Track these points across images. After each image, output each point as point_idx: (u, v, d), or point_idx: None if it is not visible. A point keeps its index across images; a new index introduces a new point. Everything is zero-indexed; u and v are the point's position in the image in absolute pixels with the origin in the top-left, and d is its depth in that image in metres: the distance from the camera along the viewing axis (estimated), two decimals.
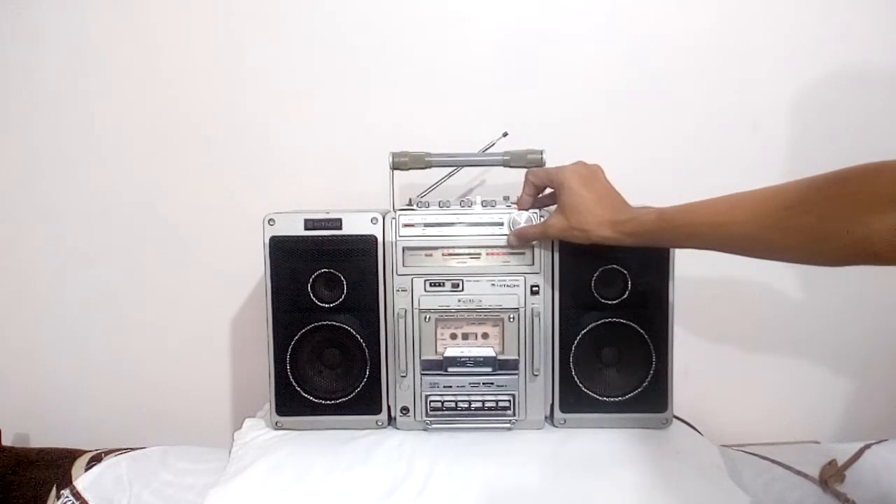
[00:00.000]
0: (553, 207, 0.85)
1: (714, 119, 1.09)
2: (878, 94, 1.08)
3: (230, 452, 0.87)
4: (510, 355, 0.87)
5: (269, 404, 0.89)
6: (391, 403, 0.88)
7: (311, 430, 0.88)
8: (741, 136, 1.08)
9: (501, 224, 0.85)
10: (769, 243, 0.63)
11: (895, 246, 0.54)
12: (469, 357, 0.87)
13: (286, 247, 0.85)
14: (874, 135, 1.07)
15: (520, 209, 0.85)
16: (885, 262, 0.57)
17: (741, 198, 0.66)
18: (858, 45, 1.07)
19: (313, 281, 0.86)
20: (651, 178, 1.00)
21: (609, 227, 0.76)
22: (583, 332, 0.86)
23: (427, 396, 0.87)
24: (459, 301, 0.86)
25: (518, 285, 0.86)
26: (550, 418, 0.89)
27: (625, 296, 0.85)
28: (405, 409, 0.88)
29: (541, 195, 0.87)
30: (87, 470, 0.88)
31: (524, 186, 0.85)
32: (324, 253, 0.85)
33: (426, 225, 0.86)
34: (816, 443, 1.08)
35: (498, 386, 0.87)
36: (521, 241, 0.84)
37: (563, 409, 0.88)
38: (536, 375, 0.86)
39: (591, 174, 0.80)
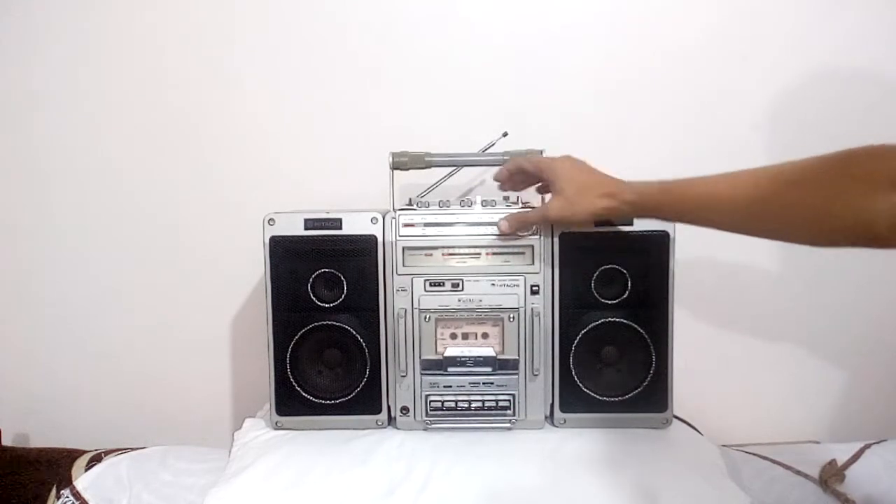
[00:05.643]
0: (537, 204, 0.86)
1: (714, 119, 1.09)
2: (877, 95, 1.08)
3: (230, 452, 0.87)
4: (510, 355, 0.87)
5: (269, 404, 0.89)
6: (391, 403, 0.88)
7: (311, 430, 0.88)
8: (741, 136, 1.08)
9: None
10: (770, 220, 0.64)
11: (893, 227, 0.55)
12: (469, 357, 0.87)
13: (286, 247, 0.85)
14: (873, 135, 1.07)
15: (495, 178, 0.87)
16: (884, 244, 0.57)
17: (744, 173, 0.67)
18: (858, 46, 1.07)
19: (313, 281, 0.86)
20: (651, 177, 1.00)
21: (610, 197, 0.76)
22: (583, 332, 0.86)
23: (427, 396, 0.87)
24: (459, 301, 0.86)
25: (518, 285, 0.86)
26: (550, 418, 0.89)
27: (625, 296, 0.85)
28: (405, 409, 0.88)
29: (522, 181, 0.87)
30: (87, 470, 0.88)
31: (509, 164, 0.86)
32: (324, 253, 0.85)
33: (426, 225, 0.86)
34: (816, 443, 1.07)
35: (498, 386, 0.87)
36: (520, 226, 0.84)
37: (563, 409, 0.88)
38: (536, 375, 0.86)
39: (582, 162, 0.81)
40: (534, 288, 0.86)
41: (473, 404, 0.87)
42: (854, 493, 0.86)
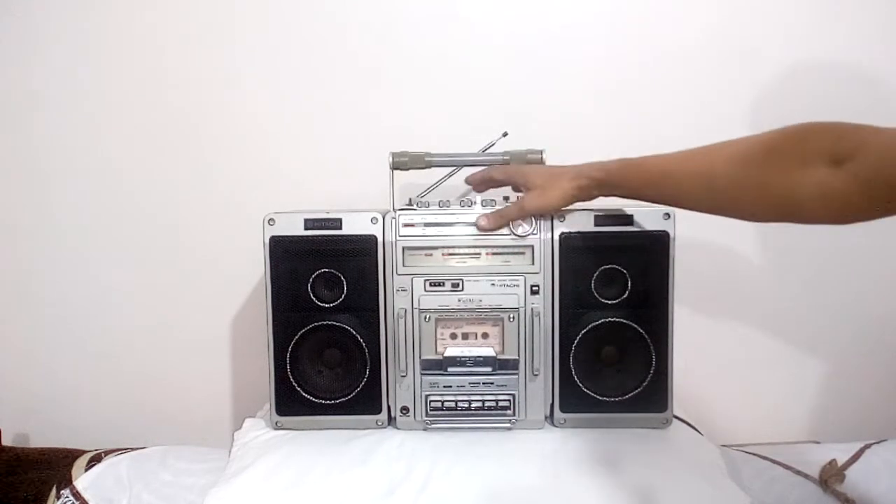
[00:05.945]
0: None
1: (715, 119, 1.08)
2: (877, 95, 1.08)
3: (230, 452, 0.87)
4: (510, 355, 0.87)
5: (269, 404, 0.89)
6: (391, 403, 0.88)
7: (311, 430, 0.88)
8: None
9: None
10: (718, 194, 0.68)
11: (817, 200, 0.57)
12: (469, 357, 0.87)
13: (286, 247, 0.85)
14: None
15: (467, 181, 0.91)
16: (810, 219, 0.60)
17: (703, 149, 0.71)
18: (858, 45, 1.07)
19: (313, 281, 0.86)
20: None
21: (578, 178, 0.80)
22: (583, 332, 0.86)
23: (427, 396, 0.87)
24: (459, 301, 0.86)
25: (518, 285, 0.85)
26: (550, 418, 0.89)
27: (625, 296, 0.85)
28: (405, 409, 0.88)
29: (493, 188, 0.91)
30: (87, 470, 0.88)
31: (483, 172, 0.89)
32: (324, 253, 0.85)
33: (426, 225, 0.86)
34: (816, 443, 1.08)
35: (498, 386, 0.87)
36: (499, 222, 0.84)
37: (563, 409, 0.87)
38: (536, 375, 0.86)
39: (547, 165, 0.86)
40: (534, 288, 0.86)
41: (473, 404, 0.87)
42: (854, 493, 0.86)
